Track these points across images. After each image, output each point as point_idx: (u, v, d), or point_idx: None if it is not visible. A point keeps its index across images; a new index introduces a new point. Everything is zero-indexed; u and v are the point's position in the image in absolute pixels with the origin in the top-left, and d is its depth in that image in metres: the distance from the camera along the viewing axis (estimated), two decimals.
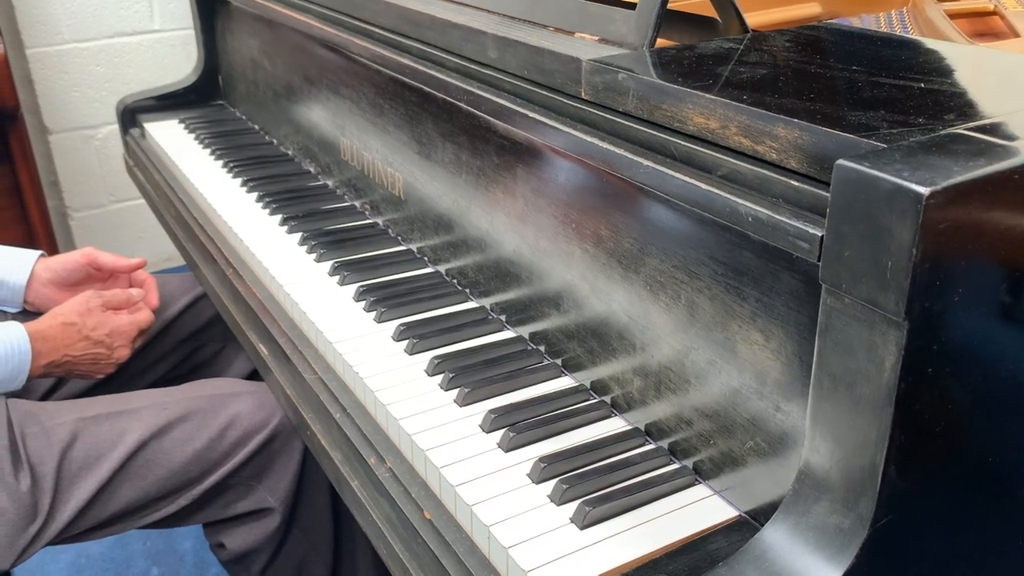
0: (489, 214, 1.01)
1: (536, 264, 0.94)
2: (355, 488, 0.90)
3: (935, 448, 0.58)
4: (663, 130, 0.73)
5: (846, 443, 0.58)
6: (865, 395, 0.56)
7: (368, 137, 1.26)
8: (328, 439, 0.96)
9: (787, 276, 0.64)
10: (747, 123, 0.66)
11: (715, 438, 0.75)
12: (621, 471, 0.77)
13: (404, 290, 1.09)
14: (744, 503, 0.74)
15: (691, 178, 0.67)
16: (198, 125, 1.72)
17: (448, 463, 0.80)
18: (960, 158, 0.53)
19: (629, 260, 0.80)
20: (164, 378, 1.35)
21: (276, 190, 1.41)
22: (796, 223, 0.58)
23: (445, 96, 1.02)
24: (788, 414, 0.67)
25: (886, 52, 0.83)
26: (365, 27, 1.18)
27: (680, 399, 0.78)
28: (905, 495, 0.58)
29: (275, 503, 1.06)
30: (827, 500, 0.60)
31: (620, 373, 0.85)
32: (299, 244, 1.23)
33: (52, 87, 2.61)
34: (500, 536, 0.71)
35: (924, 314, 0.52)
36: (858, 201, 0.52)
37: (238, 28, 1.69)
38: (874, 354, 0.54)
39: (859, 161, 0.52)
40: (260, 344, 1.14)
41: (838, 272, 0.55)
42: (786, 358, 0.66)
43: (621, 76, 0.77)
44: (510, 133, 0.94)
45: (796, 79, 0.73)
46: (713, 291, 0.71)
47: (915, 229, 0.49)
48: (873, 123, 0.62)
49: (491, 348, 0.97)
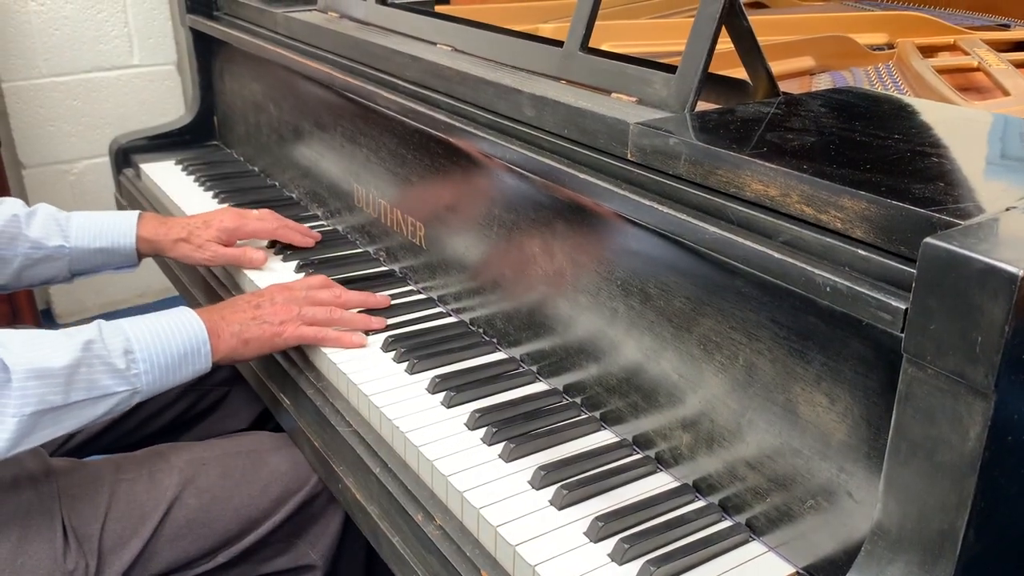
0: (522, 267, 1.02)
1: (575, 318, 0.95)
2: (396, 544, 0.90)
3: (1009, 511, 0.60)
4: (718, 195, 0.76)
5: (924, 507, 0.60)
6: (947, 462, 0.58)
7: (387, 185, 1.27)
8: (365, 493, 0.96)
9: (856, 342, 0.67)
10: (810, 192, 0.68)
11: (771, 495, 0.77)
12: (678, 528, 0.79)
13: (432, 340, 1.09)
14: (800, 559, 0.76)
15: (759, 245, 0.69)
16: (196, 167, 1.71)
17: (503, 521, 0.80)
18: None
19: (681, 319, 0.82)
20: (172, 424, 1.34)
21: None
22: (877, 295, 0.60)
23: (479, 151, 1.03)
24: (852, 475, 0.69)
25: (919, 119, 0.87)
26: (389, 79, 1.19)
27: (733, 456, 0.79)
28: (980, 557, 0.60)
29: (316, 559, 1.05)
30: (902, 562, 0.62)
31: (667, 428, 0.86)
32: None
33: (28, 121, 2.58)
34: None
35: (1010, 385, 0.55)
36: (947, 278, 0.55)
37: (239, 70, 1.69)
38: (959, 424, 0.57)
39: (948, 240, 0.55)
40: (281, 394, 1.13)
41: (923, 344, 0.57)
42: (852, 421, 0.68)
43: (673, 141, 0.79)
44: (549, 190, 0.96)
45: (845, 147, 0.76)
46: (775, 353, 0.73)
47: (1008, 307, 0.52)
48: (937, 197, 0.64)
49: (528, 401, 0.98)
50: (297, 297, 1.10)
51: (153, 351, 0.95)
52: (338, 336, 1.08)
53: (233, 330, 1.03)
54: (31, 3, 2.48)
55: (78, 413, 0.90)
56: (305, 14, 1.46)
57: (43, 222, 1.22)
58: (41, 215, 1.23)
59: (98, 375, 0.90)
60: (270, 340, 1.06)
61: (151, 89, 2.73)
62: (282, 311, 1.07)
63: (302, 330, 1.07)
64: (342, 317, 1.10)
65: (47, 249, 1.22)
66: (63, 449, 1.24)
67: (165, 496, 0.98)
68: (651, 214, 0.79)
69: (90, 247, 1.24)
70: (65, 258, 1.24)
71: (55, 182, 2.65)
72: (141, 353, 0.94)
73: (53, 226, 1.23)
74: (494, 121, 1.01)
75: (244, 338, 1.03)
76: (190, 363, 0.98)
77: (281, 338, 1.06)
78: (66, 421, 0.89)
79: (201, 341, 0.99)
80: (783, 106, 0.89)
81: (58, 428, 0.89)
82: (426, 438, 0.92)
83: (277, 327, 1.06)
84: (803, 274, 0.65)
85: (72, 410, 0.89)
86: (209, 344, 0.99)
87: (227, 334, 1.02)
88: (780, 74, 1.41)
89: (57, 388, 0.87)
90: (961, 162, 0.74)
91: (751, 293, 0.75)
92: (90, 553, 0.93)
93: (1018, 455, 0.58)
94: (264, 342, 1.05)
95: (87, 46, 2.60)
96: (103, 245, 1.25)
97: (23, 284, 1.25)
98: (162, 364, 0.95)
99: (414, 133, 1.18)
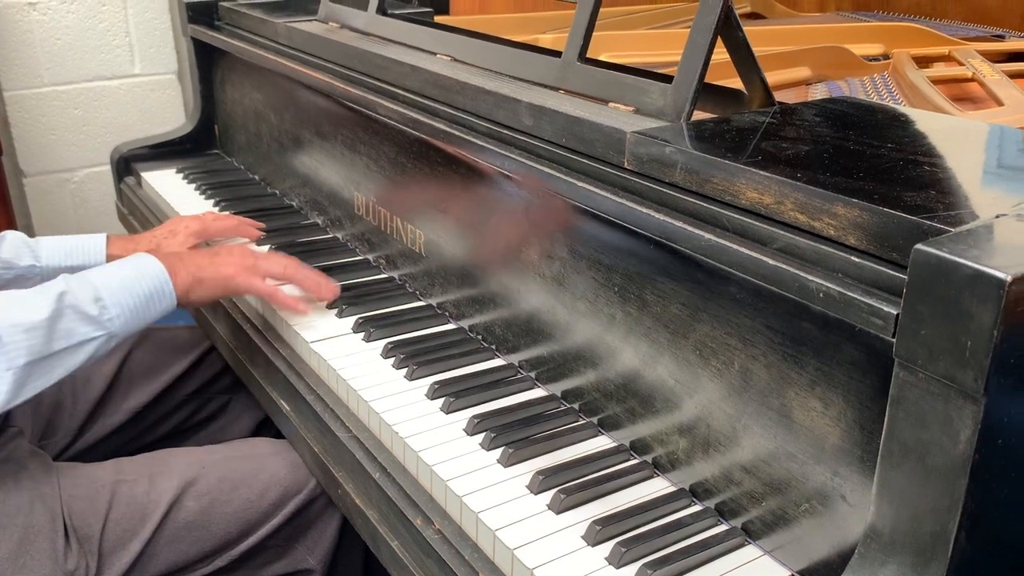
0: (521, 273, 1.03)
1: (573, 325, 0.96)
2: (395, 548, 0.91)
3: (999, 513, 0.61)
4: (714, 202, 0.77)
5: (916, 510, 0.61)
6: (938, 465, 0.59)
7: (387, 193, 1.28)
8: (364, 498, 0.97)
9: (849, 347, 0.68)
10: (804, 200, 0.69)
11: (766, 499, 0.78)
12: (674, 532, 0.79)
13: (431, 347, 1.10)
14: (795, 562, 0.77)
15: (754, 252, 0.70)
16: (197, 175, 1.72)
17: (502, 525, 0.81)
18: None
19: (677, 325, 0.83)
20: (174, 432, 1.34)
21: (286, 243, 1.42)
22: (869, 301, 0.61)
23: (478, 160, 1.04)
24: (846, 478, 0.70)
25: (912, 128, 0.88)
26: (389, 89, 1.20)
27: (729, 461, 0.80)
28: (972, 559, 0.61)
29: (314, 563, 1.06)
30: (895, 564, 0.63)
31: (664, 433, 0.87)
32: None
33: (29, 130, 2.59)
34: None
35: (1000, 389, 0.56)
36: (937, 284, 0.56)
37: (240, 80, 1.71)
38: (949, 427, 0.58)
39: (938, 246, 0.56)
40: (282, 401, 1.14)
41: (914, 348, 0.58)
42: (846, 425, 0.69)
43: (669, 150, 0.80)
44: (547, 197, 0.97)
45: (839, 156, 0.77)
46: (769, 358, 0.74)
47: (997, 312, 0.53)
48: (929, 204, 0.66)
49: (526, 407, 0.99)
50: (255, 252, 1.17)
51: (120, 295, 1.00)
52: (286, 298, 1.15)
53: (190, 270, 1.09)
54: (33, 13, 2.49)
55: (64, 360, 0.95)
56: (306, 24, 1.48)
57: (12, 244, 1.23)
58: (10, 238, 1.24)
59: (75, 324, 0.96)
60: (223, 282, 1.12)
61: (152, 98, 2.74)
62: (238, 260, 1.14)
63: (254, 281, 1.14)
64: (295, 274, 1.17)
65: (18, 269, 1.23)
66: (66, 454, 1.24)
67: (165, 498, 0.99)
68: (648, 221, 0.80)
69: (60, 266, 1.25)
70: (36, 277, 1.24)
71: (56, 190, 2.66)
72: (110, 299, 0.99)
73: (23, 248, 1.24)
74: (493, 130, 1.02)
75: (199, 276, 1.09)
76: (156, 302, 1.04)
77: (233, 281, 1.13)
78: (55, 369, 0.95)
79: (163, 281, 1.05)
80: (778, 115, 0.90)
81: (50, 377, 0.95)
82: (425, 443, 0.93)
83: (232, 271, 1.12)
84: (797, 280, 0.66)
85: (58, 358, 0.95)
86: (171, 282, 1.05)
87: (184, 273, 1.08)
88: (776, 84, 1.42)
89: (41, 338, 0.92)
90: (953, 171, 0.76)
91: (746, 299, 0.76)
92: (90, 554, 0.94)
93: (1008, 458, 0.59)
94: (218, 283, 1.12)
95: (88, 55, 2.61)
96: (74, 264, 1.26)
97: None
98: (131, 306, 1.01)
99: (414, 142, 1.19)
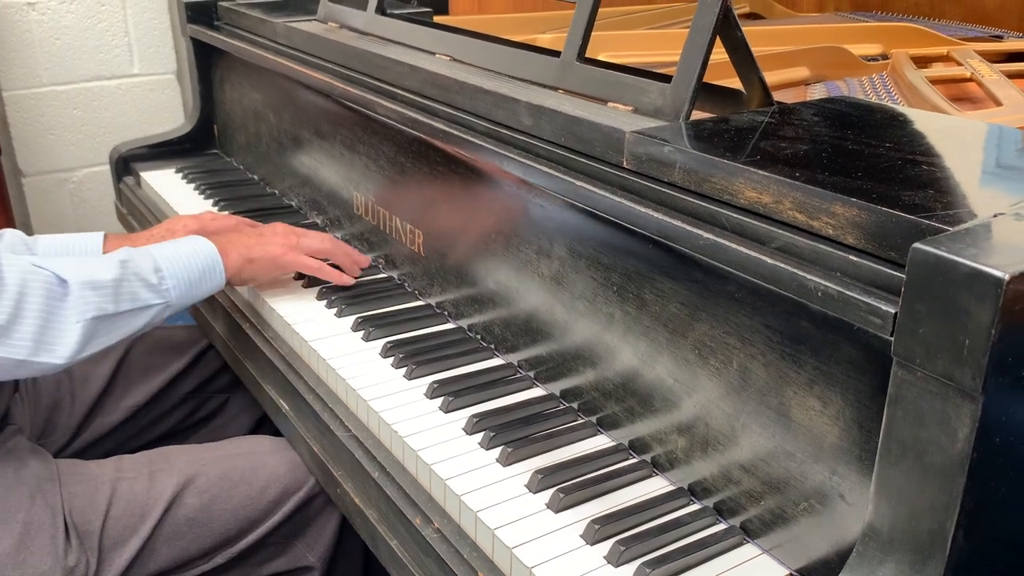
0: (520, 273, 1.03)
1: (572, 324, 0.97)
2: (394, 547, 0.91)
3: (997, 511, 0.61)
4: (712, 202, 0.77)
5: (914, 508, 0.61)
6: (936, 463, 0.59)
7: (386, 193, 1.28)
8: (363, 498, 0.97)
9: (847, 346, 0.68)
10: (802, 199, 0.70)
11: (764, 498, 0.78)
12: (673, 531, 0.80)
13: (430, 346, 1.10)
14: (794, 561, 0.77)
15: (753, 251, 0.70)
16: (196, 175, 1.72)
17: (500, 524, 0.81)
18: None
19: (676, 324, 0.83)
20: (172, 430, 1.34)
21: None
22: (867, 299, 0.61)
23: (477, 159, 1.04)
24: (845, 477, 0.70)
25: (910, 128, 0.88)
26: (388, 88, 1.20)
27: (728, 460, 0.80)
28: (970, 557, 0.61)
29: (314, 561, 1.06)
30: (893, 562, 0.63)
31: (662, 433, 0.87)
32: (317, 299, 1.24)
33: (28, 130, 2.59)
34: None
35: (997, 388, 0.56)
36: (935, 283, 0.56)
37: (239, 80, 1.71)
38: (947, 425, 0.58)
39: (935, 245, 0.56)
40: (281, 400, 1.14)
41: (912, 347, 0.58)
42: (844, 424, 0.69)
43: (668, 149, 0.80)
44: (546, 197, 0.97)
45: (837, 155, 0.78)
46: (768, 357, 0.74)
47: (995, 310, 0.53)
48: (927, 204, 0.66)
49: (525, 406, 0.99)
50: (296, 231, 1.24)
51: (177, 269, 1.07)
52: (332, 272, 1.23)
53: (240, 251, 1.16)
54: (32, 13, 2.49)
55: (127, 322, 1.01)
56: (305, 24, 1.48)
57: (10, 242, 1.23)
58: (8, 236, 1.23)
59: (137, 288, 1.02)
60: (273, 260, 1.19)
61: (151, 98, 2.74)
62: (283, 239, 1.21)
63: (302, 258, 1.21)
64: (333, 249, 1.25)
65: None
66: (64, 453, 1.25)
67: (165, 495, 1.00)
68: (646, 221, 0.80)
69: None
70: None
71: (55, 190, 2.66)
72: (168, 271, 1.06)
73: (20, 246, 1.23)
74: (492, 130, 1.02)
75: (249, 257, 1.17)
76: (208, 279, 1.11)
77: (282, 259, 1.20)
78: (117, 329, 1.00)
79: (215, 260, 1.11)
80: (776, 115, 0.90)
81: (112, 336, 1.00)
82: (424, 442, 0.93)
83: (279, 250, 1.19)
84: (795, 279, 0.66)
85: (122, 319, 1.00)
86: (222, 263, 1.12)
87: (234, 254, 1.15)
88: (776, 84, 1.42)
89: (108, 297, 0.98)
90: (951, 170, 0.76)
91: (745, 298, 0.76)
92: (91, 550, 0.94)
93: (1006, 456, 0.59)
94: (268, 262, 1.19)
95: (87, 55, 2.61)
96: None
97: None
98: (186, 280, 1.08)
99: (413, 141, 1.19)
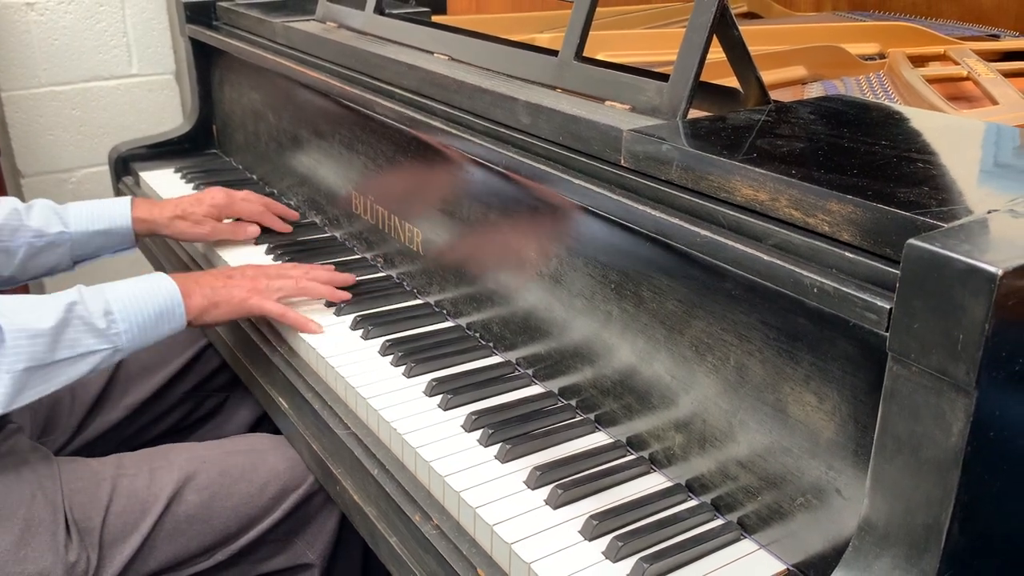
0: (518, 271, 1.04)
1: (570, 322, 0.97)
2: (393, 544, 0.91)
3: (991, 505, 0.62)
4: (709, 199, 0.77)
5: (909, 502, 0.62)
6: (931, 457, 0.59)
7: (384, 192, 1.29)
8: (363, 495, 0.97)
9: (843, 342, 0.68)
10: (799, 197, 0.70)
11: (761, 494, 0.78)
12: (670, 527, 0.80)
13: (429, 344, 1.11)
14: (791, 556, 0.77)
15: (749, 248, 0.71)
16: (195, 175, 1.72)
17: (499, 520, 0.81)
18: (1018, 236, 0.58)
19: (673, 321, 0.84)
20: (172, 430, 1.35)
21: (285, 242, 1.43)
22: (863, 295, 0.62)
23: (475, 158, 1.05)
24: (841, 472, 0.71)
25: (906, 126, 0.88)
26: (386, 88, 1.21)
27: (725, 456, 0.81)
28: (964, 551, 0.61)
29: (313, 558, 1.07)
30: (889, 556, 0.63)
31: (660, 429, 0.88)
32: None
33: (27, 130, 2.59)
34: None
35: (991, 382, 0.56)
36: (930, 279, 0.56)
37: (238, 80, 1.71)
38: (942, 420, 0.58)
39: (930, 241, 0.56)
40: (280, 398, 1.15)
41: (907, 343, 0.59)
42: (840, 420, 0.70)
43: (665, 147, 0.81)
44: (544, 195, 0.97)
45: (833, 153, 0.78)
46: (765, 354, 0.75)
47: (988, 306, 0.53)
48: (922, 200, 0.66)
49: (523, 403, 1.00)
50: (268, 272, 1.18)
51: (131, 311, 1.02)
52: (297, 318, 1.15)
53: (204, 292, 1.10)
54: (31, 13, 2.49)
55: (65, 370, 0.97)
56: (304, 24, 1.48)
57: (42, 212, 1.28)
58: (39, 206, 1.29)
59: (81, 335, 0.97)
60: (238, 305, 1.13)
61: (150, 98, 2.74)
62: (251, 283, 1.15)
63: (265, 303, 1.15)
64: (307, 287, 1.18)
65: (49, 236, 1.27)
66: (64, 451, 1.25)
67: (165, 492, 1.00)
68: (644, 218, 0.81)
69: (89, 230, 1.29)
70: (67, 244, 1.29)
71: (54, 191, 2.66)
72: (120, 313, 1.01)
73: (52, 215, 1.28)
74: (490, 128, 1.03)
75: (214, 300, 1.11)
76: (166, 321, 1.05)
77: (247, 304, 1.14)
78: (56, 378, 0.96)
79: (176, 302, 1.06)
80: (773, 113, 0.91)
81: (48, 385, 0.96)
82: (423, 440, 0.93)
83: (245, 294, 1.13)
84: (792, 276, 0.67)
85: (60, 367, 0.96)
86: (183, 304, 1.07)
87: (198, 295, 1.09)
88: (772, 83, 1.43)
89: (45, 346, 0.94)
90: (947, 168, 0.76)
91: (741, 295, 0.76)
92: (91, 546, 0.94)
93: (1000, 450, 0.60)
94: (233, 306, 1.13)
95: (86, 56, 2.61)
96: (101, 228, 1.30)
97: (28, 275, 1.29)
98: (140, 323, 1.02)
99: (411, 140, 1.19)
